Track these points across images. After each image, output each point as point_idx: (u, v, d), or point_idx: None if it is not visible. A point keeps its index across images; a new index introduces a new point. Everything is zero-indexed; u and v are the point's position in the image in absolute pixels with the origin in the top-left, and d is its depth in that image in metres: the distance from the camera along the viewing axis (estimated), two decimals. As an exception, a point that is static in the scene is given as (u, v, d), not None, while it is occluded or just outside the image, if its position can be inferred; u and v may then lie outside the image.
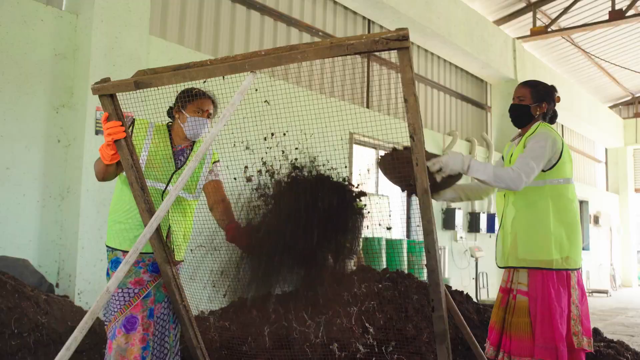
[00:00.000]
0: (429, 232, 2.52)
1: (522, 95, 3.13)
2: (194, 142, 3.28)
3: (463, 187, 3.15)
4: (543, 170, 2.92)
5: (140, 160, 3.12)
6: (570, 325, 2.83)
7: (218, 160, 3.32)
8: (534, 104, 3.09)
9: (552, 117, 3.18)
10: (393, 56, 8.96)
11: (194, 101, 3.19)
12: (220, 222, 3.12)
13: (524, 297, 2.85)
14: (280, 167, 2.89)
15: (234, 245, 3.01)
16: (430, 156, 2.69)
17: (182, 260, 3.33)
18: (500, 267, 3.07)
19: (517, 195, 2.97)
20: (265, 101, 3.13)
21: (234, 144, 3.13)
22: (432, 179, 2.65)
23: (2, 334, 3.77)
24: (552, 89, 3.16)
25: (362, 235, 2.81)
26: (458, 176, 2.81)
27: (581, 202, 16.74)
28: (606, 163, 19.31)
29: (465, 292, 4.67)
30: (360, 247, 5.14)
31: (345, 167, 2.85)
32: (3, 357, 3.67)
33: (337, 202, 2.55)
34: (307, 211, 2.51)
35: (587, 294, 13.85)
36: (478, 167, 2.76)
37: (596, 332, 5.03)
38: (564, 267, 2.85)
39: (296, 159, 2.85)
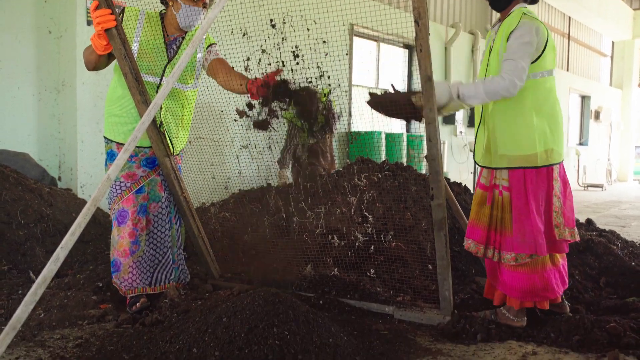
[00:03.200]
0: (430, 121, 2.50)
1: None
2: (186, 32, 3.16)
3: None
4: None
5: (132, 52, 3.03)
6: (552, 217, 2.85)
7: (214, 43, 3.21)
8: None
9: None
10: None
11: None
12: (239, 89, 3.00)
13: (507, 192, 2.85)
14: (280, 56, 2.82)
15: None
16: (412, 93, 2.70)
17: (182, 149, 3.33)
18: (480, 166, 3.00)
19: None
20: (263, -15, 2.98)
21: (232, 32, 3.03)
22: (419, 112, 2.69)
23: (9, 224, 3.85)
24: None
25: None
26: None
27: (583, 97, 16.59)
28: (612, 57, 18.89)
29: (463, 184, 4.72)
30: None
31: (346, 54, 2.77)
32: (12, 246, 3.77)
33: None
34: None
35: (583, 189, 14.14)
36: (469, 93, 2.74)
37: (589, 222, 5.16)
38: (548, 162, 2.80)
39: (297, 47, 2.77)
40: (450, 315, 2.88)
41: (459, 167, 10.70)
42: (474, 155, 3.03)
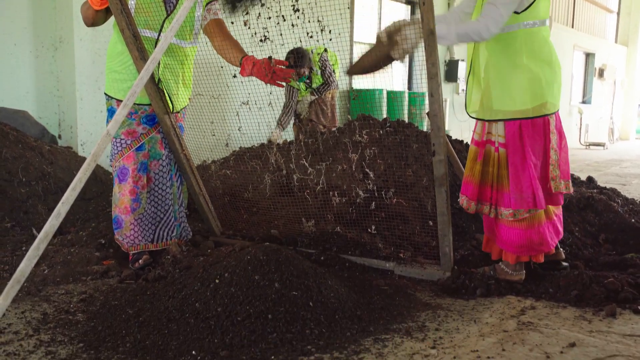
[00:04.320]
0: (432, 76, 2.46)
1: None
2: None
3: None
4: (516, 12, 2.72)
5: (129, 6, 2.97)
6: (549, 170, 2.84)
7: (215, 0, 3.14)
8: None
9: None
10: None
11: None
12: (232, 60, 2.99)
13: (503, 149, 2.83)
14: (280, 10, 2.76)
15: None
16: (384, 47, 2.71)
17: (185, 107, 3.30)
18: (471, 117, 2.98)
19: (489, 40, 2.82)
20: None
21: (230, -16, 2.96)
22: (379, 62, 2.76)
23: (10, 182, 3.86)
24: None
25: None
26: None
27: (587, 55, 16.35)
28: (618, 13, 18.52)
29: (465, 142, 4.69)
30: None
31: (348, 7, 2.72)
32: (14, 203, 3.78)
33: None
34: None
35: (585, 147, 14.10)
36: (440, 33, 2.65)
37: (590, 180, 5.16)
38: (542, 113, 2.77)
39: (297, 0, 2.71)
40: (450, 271, 2.91)
41: (461, 125, 10.64)
42: (465, 106, 3.00)
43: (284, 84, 2.81)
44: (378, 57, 2.75)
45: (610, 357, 2.09)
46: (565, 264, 3.05)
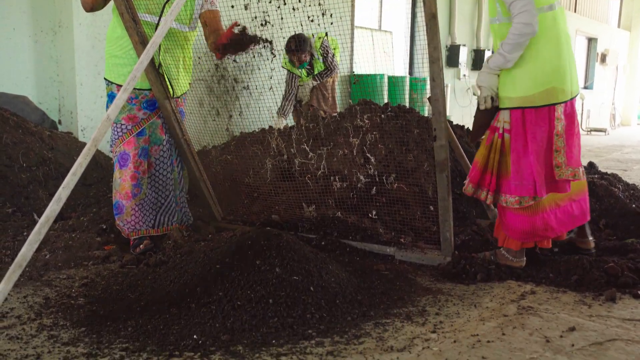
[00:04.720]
0: (434, 60, 2.45)
1: None
2: None
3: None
4: None
5: None
6: (552, 157, 2.83)
7: None
8: None
9: None
10: None
11: None
12: (211, 49, 3.02)
13: (507, 135, 2.81)
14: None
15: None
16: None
17: (185, 93, 3.29)
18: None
19: (498, 28, 2.79)
20: None
21: (230, -32, 2.93)
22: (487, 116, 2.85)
23: (11, 167, 3.85)
24: None
25: None
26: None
27: (590, 40, 16.25)
28: (621, -3, 18.38)
29: (466, 127, 4.68)
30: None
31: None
32: (15, 189, 3.78)
33: None
34: None
35: (586, 133, 14.06)
36: (499, 62, 2.72)
37: (591, 165, 5.15)
38: (548, 102, 2.74)
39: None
40: (451, 256, 2.92)
41: (462, 111, 10.61)
42: None
43: (284, 70, 2.83)
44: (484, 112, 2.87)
45: (610, 341, 2.10)
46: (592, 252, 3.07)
